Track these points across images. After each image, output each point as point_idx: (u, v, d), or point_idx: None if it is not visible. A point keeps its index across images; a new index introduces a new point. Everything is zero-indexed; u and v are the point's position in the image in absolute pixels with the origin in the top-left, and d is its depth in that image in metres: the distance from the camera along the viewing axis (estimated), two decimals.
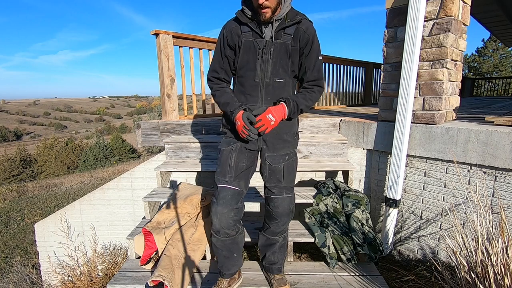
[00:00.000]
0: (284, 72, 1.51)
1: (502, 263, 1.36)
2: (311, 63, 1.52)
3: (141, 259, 2.05)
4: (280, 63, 1.48)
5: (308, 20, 1.50)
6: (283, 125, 1.57)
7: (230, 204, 1.57)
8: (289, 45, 1.46)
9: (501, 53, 19.96)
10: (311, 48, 1.49)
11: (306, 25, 1.47)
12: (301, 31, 1.45)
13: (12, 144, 62.08)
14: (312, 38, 1.48)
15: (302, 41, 1.46)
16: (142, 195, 2.83)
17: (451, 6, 2.02)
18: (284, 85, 1.54)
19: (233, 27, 1.50)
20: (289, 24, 1.44)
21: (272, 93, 1.52)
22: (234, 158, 1.58)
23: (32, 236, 5.70)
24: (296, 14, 1.46)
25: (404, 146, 2.19)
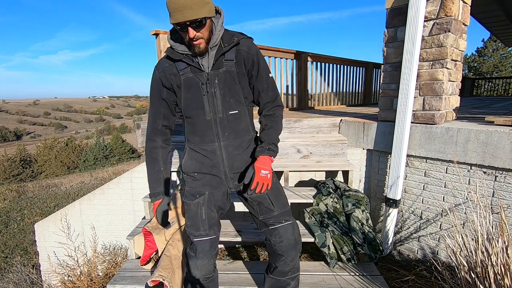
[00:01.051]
0: (237, 102, 1.35)
1: (502, 263, 1.36)
2: (263, 83, 1.37)
3: (141, 259, 2.05)
4: (229, 94, 1.32)
5: (246, 38, 1.33)
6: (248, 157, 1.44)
7: (210, 253, 1.45)
8: (234, 71, 1.31)
9: (501, 53, 19.97)
10: (259, 68, 1.34)
11: (247, 45, 1.31)
12: (243, 52, 1.30)
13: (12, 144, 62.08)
14: (257, 57, 1.32)
15: (247, 63, 1.31)
16: (142, 195, 2.83)
17: (451, 6, 2.02)
18: (240, 116, 1.38)
19: (167, 66, 1.33)
20: (228, 49, 1.28)
21: (228, 128, 1.36)
22: (205, 211, 1.42)
23: (32, 236, 5.70)
24: (232, 36, 1.29)
25: (404, 146, 2.19)
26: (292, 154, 2.77)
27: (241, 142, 1.41)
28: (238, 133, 1.39)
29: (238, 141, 1.40)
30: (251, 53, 1.31)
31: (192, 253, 1.46)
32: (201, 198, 1.43)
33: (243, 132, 1.41)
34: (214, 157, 1.40)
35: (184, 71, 1.30)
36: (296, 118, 3.07)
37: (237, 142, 1.40)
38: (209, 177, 1.44)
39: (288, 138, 2.87)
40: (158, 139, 1.43)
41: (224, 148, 1.38)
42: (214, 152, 1.39)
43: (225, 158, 1.40)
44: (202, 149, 1.41)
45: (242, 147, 1.42)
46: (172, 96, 1.38)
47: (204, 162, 1.42)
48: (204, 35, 1.18)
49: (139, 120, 4.21)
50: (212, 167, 1.42)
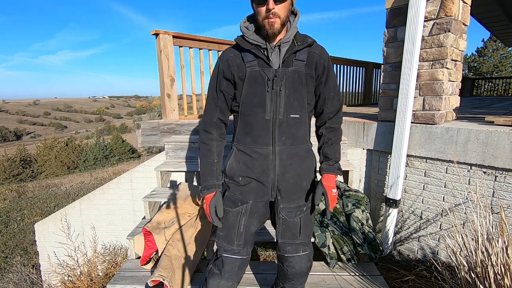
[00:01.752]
0: (300, 106, 1.24)
1: (502, 263, 1.36)
2: (330, 91, 1.30)
3: (141, 259, 2.05)
4: (294, 95, 1.22)
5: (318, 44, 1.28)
6: (302, 169, 1.31)
7: (237, 275, 1.33)
8: (303, 72, 1.22)
9: (501, 53, 19.96)
10: (329, 75, 1.27)
11: (319, 49, 1.26)
12: (315, 55, 1.23)
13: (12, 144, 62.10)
14: (328, 63, 1.27)
15: (318, 67, 1.24)
16: (142, 195, 2.83)
17: (451, 6, 2.02)
18: (300, 122, 1.26)
19: (231, 56, 1.24)
20: (300, 48, 1.20)
21: (287, 132, 1.24)
22: (244, 222, 1.29)
23: (32, 236, 5.70)
24: (304, 37, 1.23)
25: (404, 146, 2.19)
26: None
27: (297, 150, 1.29)
28: (296, 140, 1.27)
29: (294, 149, 1.28)
30: (324, 58, 1.25)
31: (216, 270, 1.32)
32: (243, 207, 1.29)
33: (300, 140, 1.29)
34: (266, 162, 1.27)
35: (251, 64, 1.21)
36: None
37: (293, 150, 1.28)
38: (255, 183, 1.30)
39: None
40: (213, 131, 1.34)
41: (278, 154, 1.26)
42: (267, 157, 1.26)
43: (277, 165, 1.27)
44: (253, 151, 1.27)
45: (297, 156, 1.29)
46: (231, 89, 1.28)
47: (253, 166, 1.28)
48: (281, 13, 1.11)
49: (139, 120, 4.21)
50: (262, 173, 1.28)
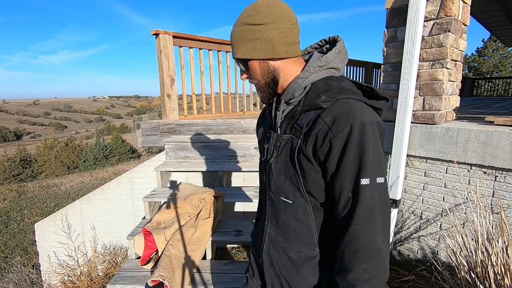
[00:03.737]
0: (294, 189, 0.82)
1: (502, 263, 1.36)
2: (340, 189, 0.72)
3: (141, 259, 2.05)
4: (285, 173, 0.83)
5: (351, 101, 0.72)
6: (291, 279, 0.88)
7: None
8: (296, 145, 0.78)
9: (501, 53, 19.97)
10: (341, 160, 0.70)
11: (335, 113, 0.71)
12: (321, 125, 0.72)
13: (12, 144, 62.11)
14: (344, 142, 0.69)
15: (320, 143, 0.72)
16: (142, 195, 2.83)
17: (451, 6, 2.02)
18: (296, 211, 0.83)
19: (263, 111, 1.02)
20: (303, 110, 0.78)
21: (278, 218, 0.89)
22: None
23: (32, 236, 5.70)
24: (327, 90, 0.75)
25: (404, 146, 2.19)
26: None
27: (290, 247, 0.87)
28: (288, 234, 0.87)
29: (285, 243, 0.88)
30: (333, 131, 0.70)
31: None
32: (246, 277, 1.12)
33: (296, 236, 0.85)
34: (258, 239, 1.00)
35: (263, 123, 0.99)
36: None
37: (284, 244, 0.88)
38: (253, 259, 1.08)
39: None
40: None
41: (269, 237, 0.93)
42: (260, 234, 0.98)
43: (265, 250, 0.94)
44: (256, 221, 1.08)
45: (288, 256, 0.88)
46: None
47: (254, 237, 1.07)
48: (255, 80, 0.84)
49: (139, 120, 4.21)
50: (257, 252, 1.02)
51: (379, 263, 0.69)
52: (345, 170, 0.70)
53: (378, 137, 0.71)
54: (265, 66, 0.80)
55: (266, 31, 0.75)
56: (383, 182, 0.70)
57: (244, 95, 3.90)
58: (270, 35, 0.75)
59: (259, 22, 0.74)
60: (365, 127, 0.68)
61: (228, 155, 2.79)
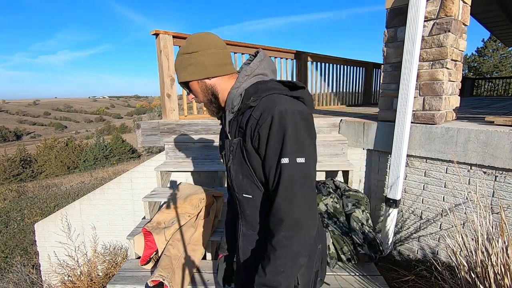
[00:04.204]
0: (251, 184, 0.94)
1: (502, 263, 1.36)
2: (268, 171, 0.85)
3: (141, 259, 2.05)
4: (242, 172, 0.95)
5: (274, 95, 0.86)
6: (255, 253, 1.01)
7: None
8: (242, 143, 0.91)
9: (501, 53, 19.97)
10: (267, 145, 0.83)
11: (261, 108, 0.85)
12: (252, 120, 0.86)
13: (12, 144, 62.12)
14: (268, 130, 0.81)
15: (252, 135, 0.86)
16: (142, 195, 2.83)
17: (451, 6, 2.02)
18: (256, 204, 0.96)
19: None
20: (241, 112, 0.92)
21: (245, 214, 1.01)
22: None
23: (32, 236, 5.70)
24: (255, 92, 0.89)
25: (404, 146, 2.19)
26: None
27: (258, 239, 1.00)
28: (255, 227, 1.00)
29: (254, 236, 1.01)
30: (261, 121, 0.83)
31: None
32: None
33: (262, 227, 0.98)
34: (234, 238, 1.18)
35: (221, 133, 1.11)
36: None
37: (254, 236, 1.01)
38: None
39: None
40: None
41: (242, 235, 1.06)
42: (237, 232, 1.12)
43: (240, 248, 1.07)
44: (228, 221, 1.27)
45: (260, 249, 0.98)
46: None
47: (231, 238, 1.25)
48: (199, 99, 1.00)
49: (139, 120, 4.21)
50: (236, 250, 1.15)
51: (296, 233, 0.81)
52: (271, 153, 0.83)
53: (299, 122, 0.82)
54: (203, 85, 0.96)
55: (199, 57, 0.92)
56: (303, 162, 0.81)
57: None
58: (202, 60, 0.92)
59: (192, 51, 0.92)
60: (283, 114, 0.81)
61: None
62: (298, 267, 0.86)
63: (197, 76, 0.94)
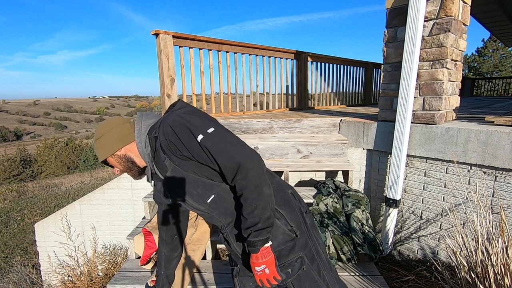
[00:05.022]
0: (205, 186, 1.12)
1: (502, 263, 1.36)
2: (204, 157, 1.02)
3: (141, 259, 2.05)
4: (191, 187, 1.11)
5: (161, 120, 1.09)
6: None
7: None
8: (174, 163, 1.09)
9: (501, 53, 19.96)
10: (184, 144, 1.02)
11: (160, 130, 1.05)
12: (162, 143, 1.05)
13: (12, 144, 62.10)
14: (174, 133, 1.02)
15: (172, 150, 1.04)
16: (142, 195, 2.82)
17: (451, 6, 2.02)
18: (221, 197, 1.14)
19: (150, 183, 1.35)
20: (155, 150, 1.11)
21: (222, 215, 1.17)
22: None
23: (32, 236, 5.70)
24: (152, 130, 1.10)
25: (404, 146, 2.19)
26: (292, 154, 2.77)
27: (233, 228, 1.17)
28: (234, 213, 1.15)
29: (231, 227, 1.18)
30: (166, 137, 1.03)
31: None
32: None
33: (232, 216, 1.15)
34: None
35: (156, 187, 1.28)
36: (296, 118, 3.07)
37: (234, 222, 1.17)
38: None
39: (288, 138, 2.87)
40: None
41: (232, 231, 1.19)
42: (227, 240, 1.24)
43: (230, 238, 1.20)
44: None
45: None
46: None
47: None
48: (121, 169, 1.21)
49: None
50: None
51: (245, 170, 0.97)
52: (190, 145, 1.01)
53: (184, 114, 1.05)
54: (116, 157, 1.17)
55: (104, 138, 1.15)
56: (213, 130, 1.01)
57: (244, 95, 3.91)
58: (107, 140, 1.15)
59: (99, 136, 1.16)
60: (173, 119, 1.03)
61: None
62: (266, 197, 1.01)
63: (108, 153, 1.15)
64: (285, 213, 1.14)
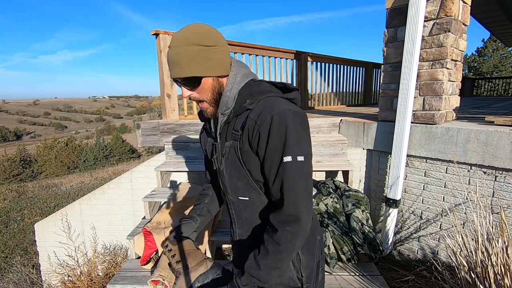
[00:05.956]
0: (247, 186, 0.95)
1: (502, 263, 1.36)
2: (269, 170, 0.86)
3: (141, 259, 2.05)
4: (236, 174, 0.95)
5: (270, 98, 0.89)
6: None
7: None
8: (236, 146, 0.91)
9: (501, 53, 19.97)
10: (267, 144, 0.84)
11: (259, 110, 0.86)
12: (250, 121, 0.87)
13: (12, 144, 62.13)
14: (268, 129, 0.83)
15: (251, 136, 0.87)
16: (142, 195, 2.82)
17: (451, 6, 2.02)
18: (254, 205, 0.96)
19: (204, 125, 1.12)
20: (234, 115, 0.92)
21: (241, 216, 1.01)
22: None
23: (32, 236, 5.70)
24: (250, 95, 0.90)
25: (404, 146, 2.19)
26: None
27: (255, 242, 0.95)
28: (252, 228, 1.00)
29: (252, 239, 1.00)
30: (260, 122, 0.84)
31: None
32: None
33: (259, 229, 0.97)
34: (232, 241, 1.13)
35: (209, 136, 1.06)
36: None
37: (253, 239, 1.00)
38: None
39: None
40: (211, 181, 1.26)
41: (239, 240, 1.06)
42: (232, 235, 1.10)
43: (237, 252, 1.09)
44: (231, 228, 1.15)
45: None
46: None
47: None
48: (204, 97, 0.90)
49: (139, 120, 4.21)
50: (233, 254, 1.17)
51: (300, 228, 0.83)
52: (271, 151, 0.84)
53: (296, 122, 0.84)
54: (216, 83, 0.90)
55: (218, 52, 0.86)
56: (303, 160, 0.83)
57: None
58: (220, 56, 0.87)
59: (212, 44, 0.85)
60: (282, 115, 0.83)
61: None
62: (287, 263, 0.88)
63: (216, 72, 0.88)
64: (303, 259, 0.98)
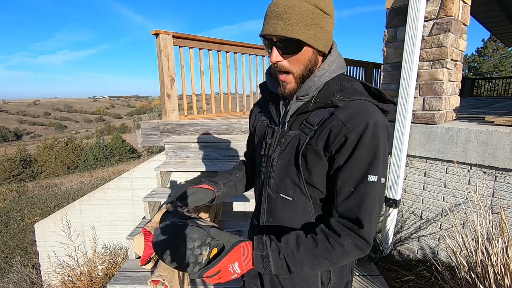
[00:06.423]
0: (294, 186, 0.82)
1: (502, 263, 1.36)
2: (345, 182, 0.74)
3: (141, 259, 2.05)
4: (288, 170, 0.83)
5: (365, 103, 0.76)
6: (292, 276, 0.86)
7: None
8: (303, 141, 0.78)
9: (501, 53, 19.97)
10: (351, 154, 0.72)
11: (351, 112, 0.74)
12: (335, 122, 0.74)
13: (12, 144, 62.14)
14: (358, 138, 0.71)
15: (333, 138, 0.74)
16: (142, 195, 2.82)
17: (451, 6, 2.02)
18: (295, 207, 0.84)
19: (260, 101, 1.01)
20: (316, 107, 0.78)
21: (275, 215, 0.88)
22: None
23: (32, 236, 5.70)
24: (341, 89, 0.77)
25: (404, 146, 2.19)
26: None
27: None
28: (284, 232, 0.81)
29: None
30: (348, 127, 0.72)
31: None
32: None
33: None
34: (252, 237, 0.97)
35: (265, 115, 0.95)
36: None
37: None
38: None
39: None
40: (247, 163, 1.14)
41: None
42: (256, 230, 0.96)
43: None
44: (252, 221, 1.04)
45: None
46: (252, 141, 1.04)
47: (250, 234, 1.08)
48: (294, 68, 0.75)
49: (139, 120, 4.21)
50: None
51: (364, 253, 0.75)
52: (355, 164, 0.72)
53: (386, 140, 0.74)
54: (313, 58, 0.76)
55: (330, 23, 0.74)
56: (383, 183, 0.74)
57: (244, 95, 3.91)
58: (329, 28, 0.74)
59: (327, 12, 0.72)
60: (378, 127, 0.71)
61: (228, 155, 2.79)
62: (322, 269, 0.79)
63: (320, 45, 0.74)
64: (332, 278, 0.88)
